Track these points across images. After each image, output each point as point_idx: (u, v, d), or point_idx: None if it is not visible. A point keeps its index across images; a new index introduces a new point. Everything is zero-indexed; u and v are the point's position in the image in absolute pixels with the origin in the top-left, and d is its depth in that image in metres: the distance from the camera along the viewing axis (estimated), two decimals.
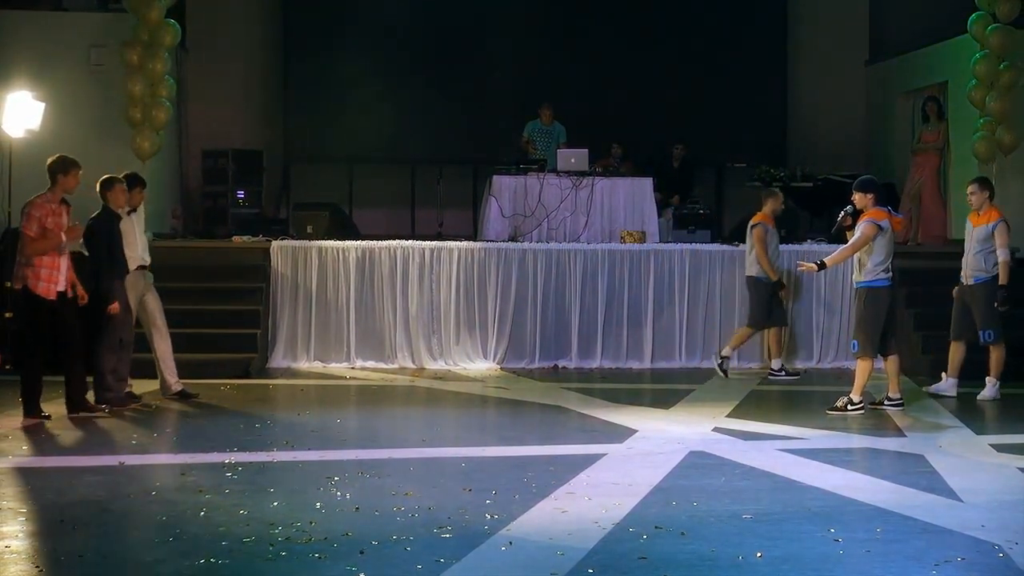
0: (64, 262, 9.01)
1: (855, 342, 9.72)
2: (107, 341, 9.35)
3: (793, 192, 15.32)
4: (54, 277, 8.93)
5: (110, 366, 9.42)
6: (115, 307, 9.22)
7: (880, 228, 9.53)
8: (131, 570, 5.26)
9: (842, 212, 9.99)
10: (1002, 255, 10.31)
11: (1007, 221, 10.43)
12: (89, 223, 9.39)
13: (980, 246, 10.41)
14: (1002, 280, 10.33)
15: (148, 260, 10.04)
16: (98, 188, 9.47)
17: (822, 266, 9.94)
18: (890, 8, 16.78)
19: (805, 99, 17.20)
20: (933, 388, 10.66)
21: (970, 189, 10.63)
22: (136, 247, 9.85)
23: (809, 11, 17.36)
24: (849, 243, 9.69)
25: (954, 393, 10.53)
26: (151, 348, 10.07)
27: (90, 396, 9.29)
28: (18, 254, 8.95)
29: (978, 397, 10.36)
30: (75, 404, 9.11)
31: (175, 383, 10.04)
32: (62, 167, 9.03)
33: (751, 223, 11.70)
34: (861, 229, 9.56)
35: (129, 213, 9.80)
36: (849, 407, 9.52)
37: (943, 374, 10.68)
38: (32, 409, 8.91)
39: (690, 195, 15.19)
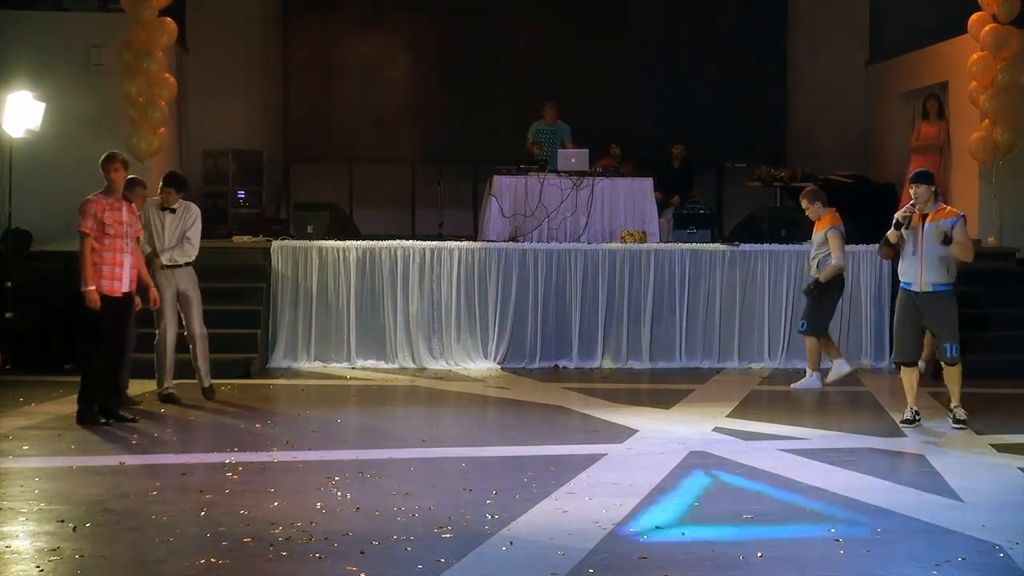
0: (127, 259, 8.89)
1: (955, 347, 8.98)
2: None
3: (793, 192, 15.31)
4: (118, 274, 8.81)
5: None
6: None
7: None
8: (131, 570, 5.26)
9: (908, 207, 9.05)
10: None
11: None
12: None
13: (816, 251, 11.09)
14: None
15: (178, 261, 9.89)
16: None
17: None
18: (890, 8, 16.77)
19: (805, 99, 17.21)
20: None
21: (803, 204, 11.21)
22: (160, 243, 9.82)
23: (809, 11, 17.35)
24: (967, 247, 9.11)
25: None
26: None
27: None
28: (79, 255, 8.79)
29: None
30: (110, 412, 9.02)
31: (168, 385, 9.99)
32: (104, 162, 8.88)
33: None
34: (965, 230, 8.92)
35: (163, 210, 9.83)
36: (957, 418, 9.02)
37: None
38: (86, 411, 8.81)
39: (690, 195, 15.18)
